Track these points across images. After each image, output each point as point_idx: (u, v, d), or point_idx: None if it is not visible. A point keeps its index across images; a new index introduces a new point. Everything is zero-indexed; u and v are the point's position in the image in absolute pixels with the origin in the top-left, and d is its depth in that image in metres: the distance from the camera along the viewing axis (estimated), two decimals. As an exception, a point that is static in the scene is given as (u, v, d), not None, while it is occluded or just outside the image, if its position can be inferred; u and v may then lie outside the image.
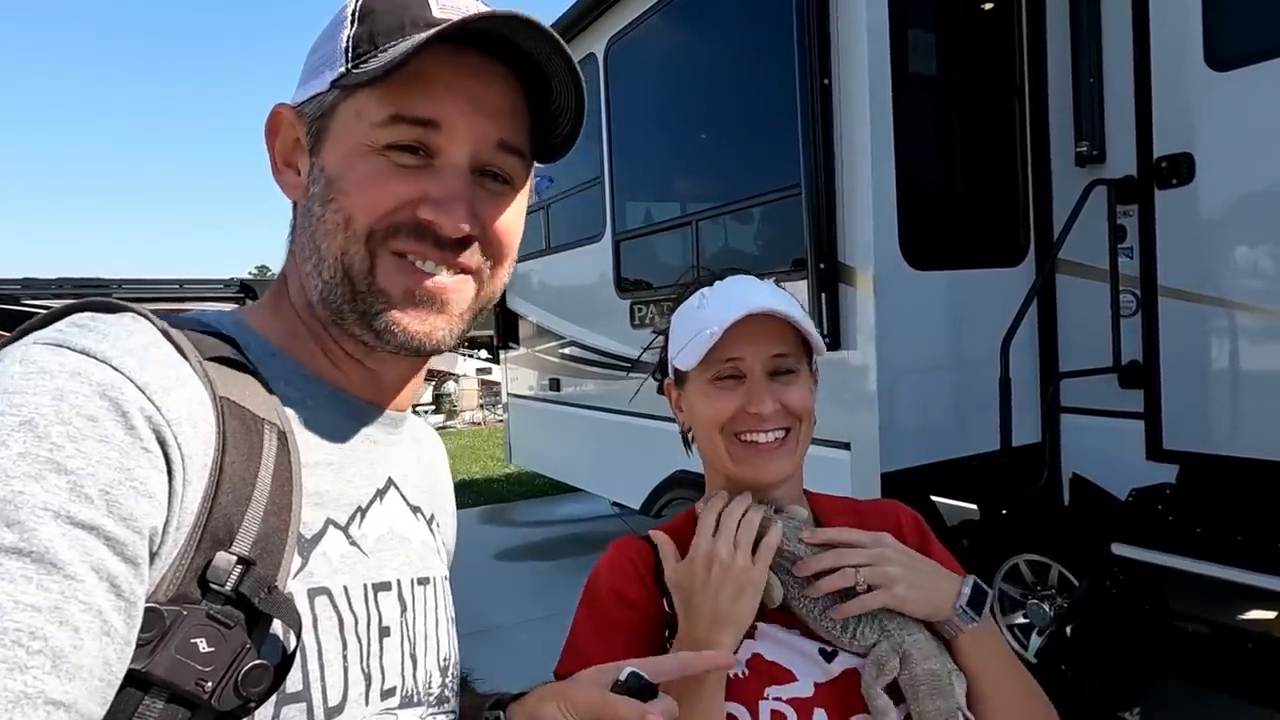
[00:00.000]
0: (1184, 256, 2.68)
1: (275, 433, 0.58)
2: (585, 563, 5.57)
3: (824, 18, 2.87)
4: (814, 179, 2.91)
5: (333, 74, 0.63)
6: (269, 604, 0.53)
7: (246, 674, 0.51)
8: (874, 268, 2.83)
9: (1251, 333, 2.56)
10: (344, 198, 0.62)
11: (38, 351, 0.50)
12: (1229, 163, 2.56)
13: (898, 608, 0.89)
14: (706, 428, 0.99)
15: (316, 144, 0.64)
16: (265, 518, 0.55)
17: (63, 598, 0.43)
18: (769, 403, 0.96)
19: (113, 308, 0.57)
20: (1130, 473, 2.78)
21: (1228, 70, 2.53)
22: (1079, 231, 2.78)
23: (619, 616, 0.95)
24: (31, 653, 0.42)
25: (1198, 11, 2.58)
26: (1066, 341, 3.08)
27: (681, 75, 4.06)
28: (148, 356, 0.52)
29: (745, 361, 0.97)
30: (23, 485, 0.44)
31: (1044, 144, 3.14)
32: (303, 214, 0.65)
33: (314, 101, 0.64)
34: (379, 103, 0.61)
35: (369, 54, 0.61)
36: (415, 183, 0.62)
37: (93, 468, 0.46)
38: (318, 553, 0.60)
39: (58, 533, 0.44)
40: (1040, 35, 3.13)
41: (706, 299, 1.01)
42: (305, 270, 0.65)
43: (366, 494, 0.67)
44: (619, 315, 4.44)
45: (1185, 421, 2.69)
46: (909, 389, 2.95)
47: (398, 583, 0.67)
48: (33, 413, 0.46)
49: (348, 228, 0.62)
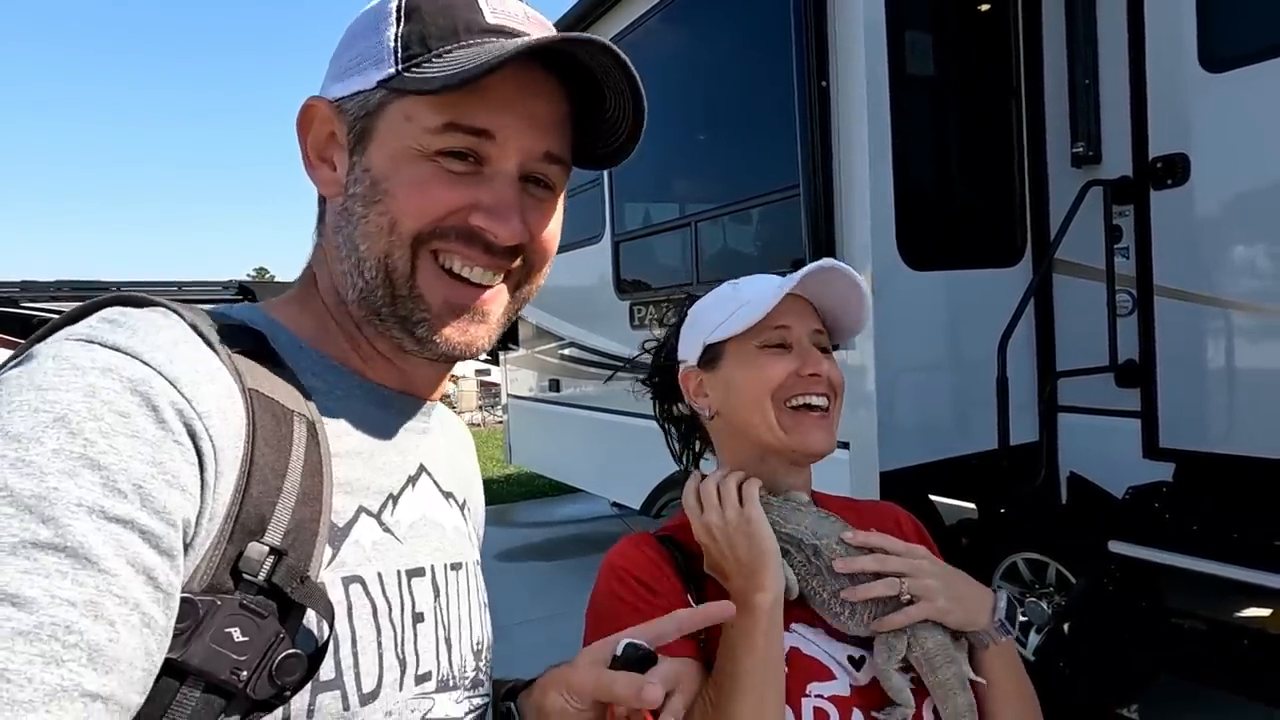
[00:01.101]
0: (1180, 256, 2.70)
1: (305, 424, 0.59)
2: (586, 563, 5.55)
3: (821, 19, 2.89)
4: (812, 180, 2.92)
5: (380, 74, 0.62)
6: (301, 594, 0.54)
7: (280, 663, 0.52)
8: (872, 268, 2.84)
9: (1247, 331, 2.58)
10: (391, 200, 0.61)
11: (70, 348, 0.51)
12: (1224, 163, 2.58)
13: (938, 619, 0.89)
14: (755, 393, 0.97)
15: (359, 142, 0.63)
16: (296, 508, 0.56)
17: (98, 592, 0.44)
18: (824, 364, 0.97)
19: (143, 302, 0.58)
20: (1127, 471, 2.79)
21: (1222, 71, 2.55)
22: (1075, 231, 2.80)
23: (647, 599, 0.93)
24: (68, 646, 0.42)
25: (1192, 13, 2.60)
26: (1063, 341, 3.09)
27: (680, 77, 4.07)
28: (177, 351, 0.53)
29: (793, 330, 0.98)
30: (57, 481, 0.45)
31: (1040, 145, 3.16)
32: (339, 212, 0.65)
33: (357, 99, 0.63)
34: (433, 109, 0.60)
35: (421, 57, 0.61)
36: (467, 190, 0.62)
37: (125, 463, 0.47)
38: (350, 541, 0.61)
39: (92, 528, 0.45)
40: (1036, 37, 3.15)
41: (739, 284, 1.03)
42: (341, 269, 0.65)
43: (398, 481, 0.67)
44: (618, 316, 4.45)
45: (1181, 420, 2.71)
46: (907, 388, 2.97)
47: (431, 568, 0.68)
48: (65, 409, 0.47)
49: (393, 231, 0.62)
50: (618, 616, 0.92)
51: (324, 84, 0.67)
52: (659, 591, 0.93)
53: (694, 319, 1.06)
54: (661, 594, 0.93)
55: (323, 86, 0.67)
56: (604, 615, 0.94)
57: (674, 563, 0.96)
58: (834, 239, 2.93)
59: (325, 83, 0.67)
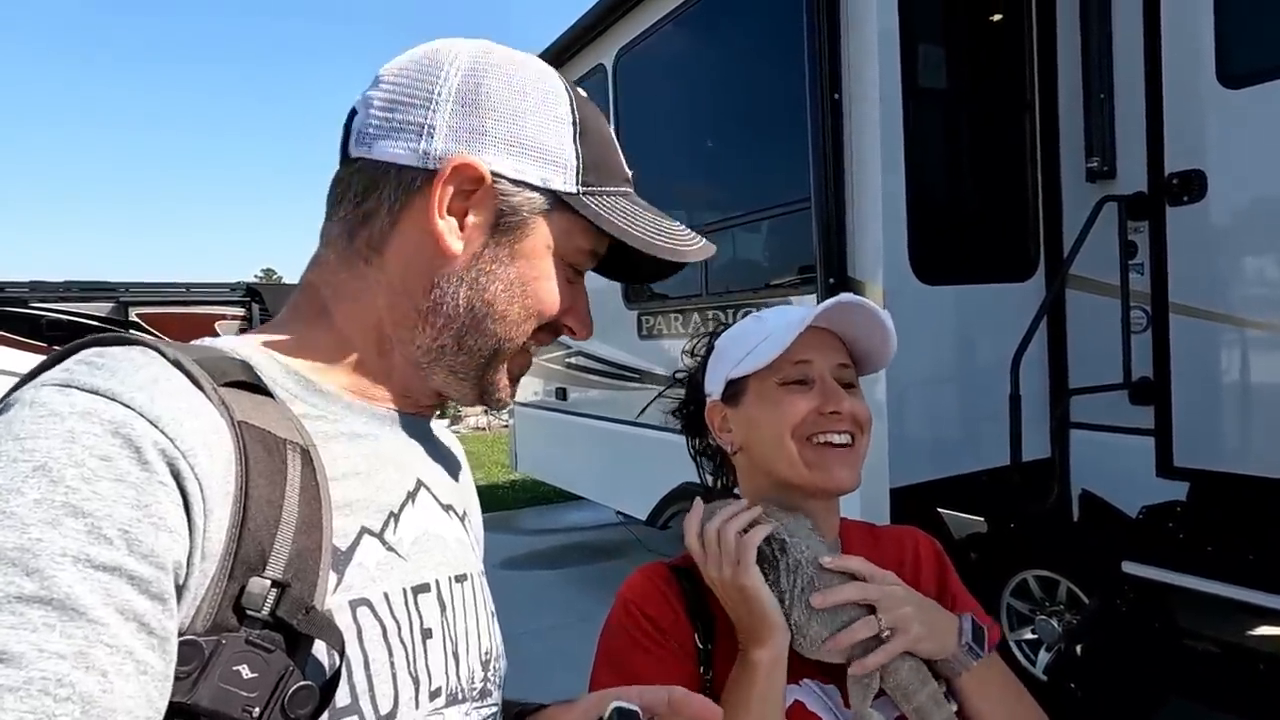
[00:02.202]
0: (1195, 273, 2.67)
1: (298, 451, 0.58)
2: (590, 571, 5.56)
3: (835, 31, 2.88)
4: (823, 192, 2.91)
5: (559, 183, 0.67)
6: (308, 625, 0.53)
7: (293, 696, 0.51)
8: (883, 282, 2.83)
9: (1263, 350, 2.55)
10: (534, 297, 0.69)
11: (47, 394, 0.50)
12: (1241, 180, 2.56)
13: (912, 649, 0.88)
14: (776, 431, 0.96)
15: (511, 230, 0.67)
16: (296, 538, 0.55)
17: (87, 642, 0.43)
18: (846, 401, 0.95)
19: (121, 341, 0.57)
20: (1140, 490, 2.77)
21: (1240, 88, 2.53)
22: (1089, 247, 2.78)
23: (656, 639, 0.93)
24: (59, 700, 0.41)
25: (1210, 28, 2.58)
26: (1077, 357, 3.07)
27: (691, 87, 4.07)
28: (158, 389, 0.52)
29: (815, 365, 0.97)
30: (40, 532, 0.44)
31: (1054, 159, 3.14)
32: (455, 274, 0.67)
33: (523, 190, 0.66)
34: (590, 238, 0.70)
35: (594, 188, 0.68)
36: (568, 294, 0.72)
37: (109, 508, 0.46)
38: (354, 563, 0.60)
39: (78, 577, 0.44)
40: (1051, 50, 3.14)
41: (763, 316, 1.02)
42: (430, 319, 0.67)
43: (398, 498, 0.67)
44: (626, 325, 4.44)
45: (1196, 439, 2.68)
46: (918, 404, 2.95)
47: (436, 583, 0.68)
48: (45, 457, 0.46)
49: (524, 321, 0.69)
50: (625, 652, 0.93)
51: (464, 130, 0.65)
52: (666, 630, 0.93)
53: (719, 353, 1.05)
54: (669, 633, 0.93)
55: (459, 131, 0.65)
56: (613, 648, 0.94)
57: (684, 599, 0.96)
58: (845, 252, 2.92)
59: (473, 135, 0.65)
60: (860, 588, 0.89)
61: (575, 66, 4.76)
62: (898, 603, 0.89)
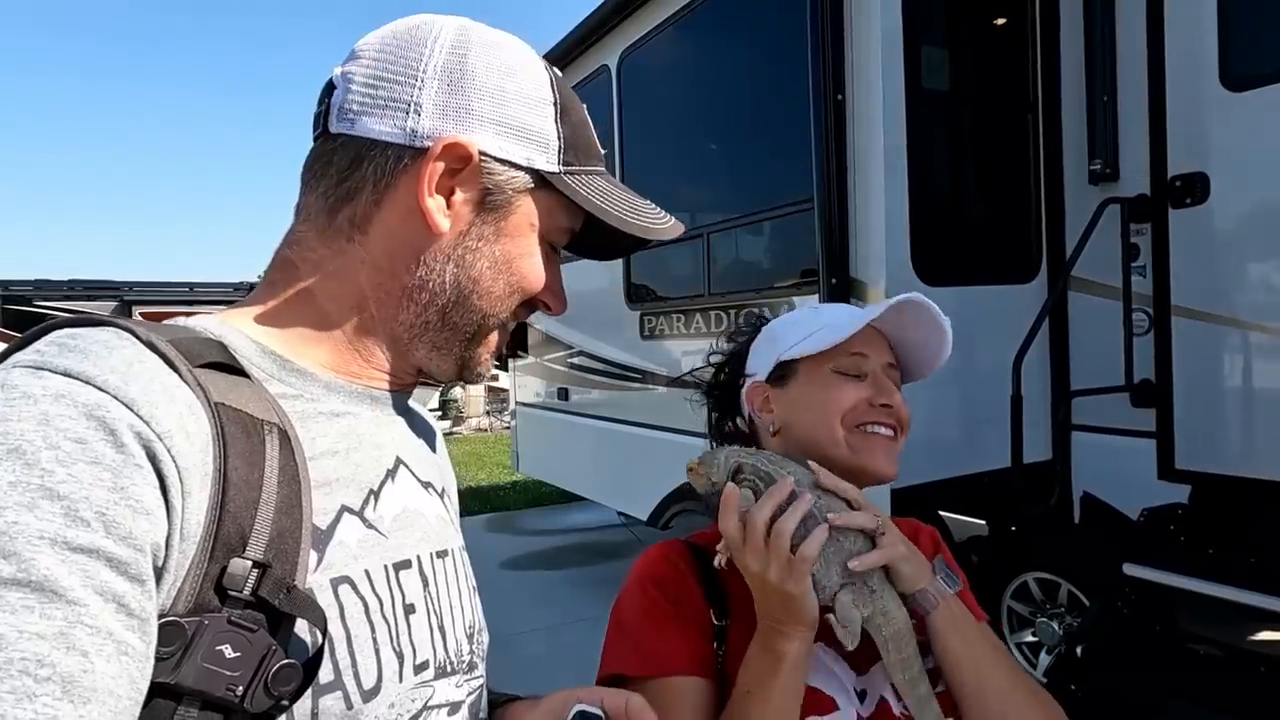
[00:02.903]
0: (1197, 276, 2.67)
1: (276, 432, 0.58)
2: (591, 572, 5.54)
3: (839, 32, 2.88)
4: (827, 193, 2.91)
5: (542, 162, 0.68)
6: (289, 604, 0.54)
7: (275, 674, 0.52)
8: (885, 282, 2.83)
9: (1265, 353, 2.55)
10: (518, 274, 0.70)
11: (18, 375, 0.50)
12: (1243, 183, 2.56)
13: (899, 562, 0.88)
14: (825, 414, 0.98)
15: (495, 205, 0.68)
16: (276, 519, 0.55)
17: (67, 623, 0.43)
18: (897, 395, 0.99)
19: (94, 322, 0.56)
20: (1142, 492, 2.76)
21: (1243, 91, 2.53)
22: (1092, 249, 2.78)
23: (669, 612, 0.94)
24: (39, 680, 0.42)
25: (1213, 31, 2.58)
26: (1078, 359, 3.07)
27: (695, 88, 4.08)
28: (131, 372, 0.52)
29: (870, 360, 1.00)
30: (16, 515, 0.44)
31: (1057, 161, 3.14)
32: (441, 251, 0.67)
33: (508, 169, 0.67)
34: (570, 216, 0.72)
35: (575, 166, 0.70)
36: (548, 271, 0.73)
37: (86, 490, 0.46)
38: (335, 542, 0.61)
39: (56, 560, 0.44)
40: (1054, 52, 3.14)
41: (820, 308, 1.06)
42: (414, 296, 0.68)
43: (377, 475, 0.67)
44: (629, 326, 4.44)
45: (1198, 441, 2.68)
46: (920, 405, 2.92)
47: (418, 559, 0.68)
48: (19, 439, 0.46)
49: (509, 297, 0.70)
50: (637, 625, 0.94)
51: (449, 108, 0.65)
52: (681, 605, 0.94)
53: (771, 335, 1.08)
54: (683, 608, 0.94)
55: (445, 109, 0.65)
56: (625, 621, 0.95)
57: (701, 576, 0.96)
58: (848, 253, 2.92)
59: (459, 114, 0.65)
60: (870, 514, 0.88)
61: (579, 67, 4.77)
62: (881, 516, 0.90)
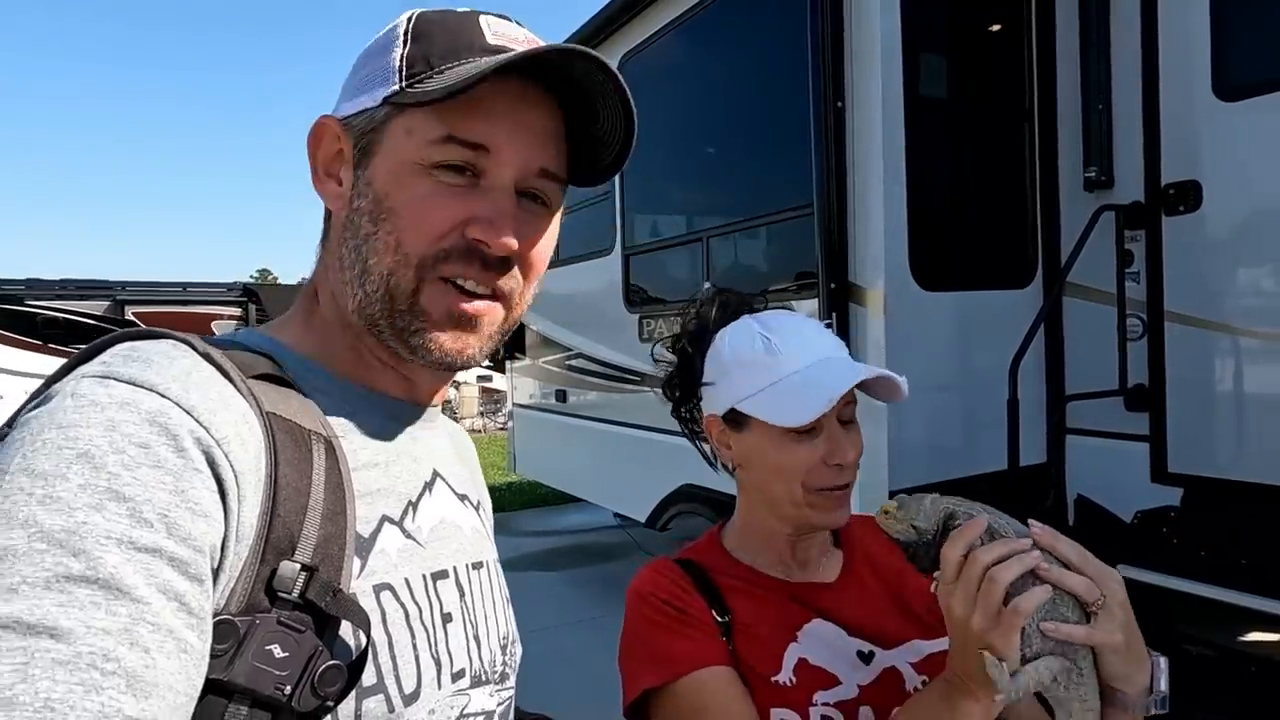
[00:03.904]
0: (1190, 282, 2.71)
1: (322, 442, 0.60)
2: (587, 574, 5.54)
3: (838, 40, 2.91)
4: (825, 199, 2.94)
5: (385, 90, 0.64)
6: (335, 606, 0.56)
7: (322, 674, 0.53)
8: (884, 287, 2.86)
9: (1256, 357, 2.59)
10: (395, 219, 0.64)
11: (87, 385, 0.52)
12: (1236, 191, 2.60)
13: (1104, 647, 0.77)
14: (784, 478, 0.96)
15: (363, 157, 0.66)
16: (322, 524, 0.57)
17: (131, 620, 0.45)
18: (851, 452, 0.96)
19: (153, 335, 0.59)
20: (1135, 495, 2.80)
21: (1235, 100, 2.57)
22: (1087, 255, 2.81)
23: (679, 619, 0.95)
24: (106, 674, 0.43)
25: (1206, 42, 2.63)
26: (1073, 363, 3.10)
27: (695, 93, 4.10)
28: (191, 380, 0.54)
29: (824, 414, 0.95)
30: (85, 516, 0.46)
31: (1052, 168, 3.18)
32: (344, 225, 0.67)
33: (363, 116, 0.66)
34: (433, 122, 0.63)
35: (424, 74, 0.63)
36: (464, 204, 0.64)
37: (150, 493, 0.48)
38: (376, 550, 0.63)
39: (122, 559, 0.46)
40: (1050, 61, 3.17)
41: (772, 341, 0.98)
42: (343, 279, 0.67)
43: (415, 488, 0.69)
44: (627, 329, 4.47)
45: (1190, 445, 2.72)
46: (917, 408, 2.98)
47: (454, 570, 0.70)
48: (88, 444, 0.48)
49: (398, 251, 0.64)
50: (653, 638, 0.95)
51: (336, 105, 0.70)
52: (686, 611, 0.96)
53: (721, 365, 1.01)
54: (689, 613, 0.96)
55: (335, 107, 0.70)
56: (641, 639, 0.96)
57: (697, 585, 0.98)
58: (846, 258, 2.95)
59: (337, 103, 0.70)
60: (1082, 551, 0.80)
61: (578, 71, 4.78)
62: (1117, 589, 0.78)
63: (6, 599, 0.43)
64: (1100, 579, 0.77)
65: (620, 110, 0.68)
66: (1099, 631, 0.76)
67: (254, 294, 13.71)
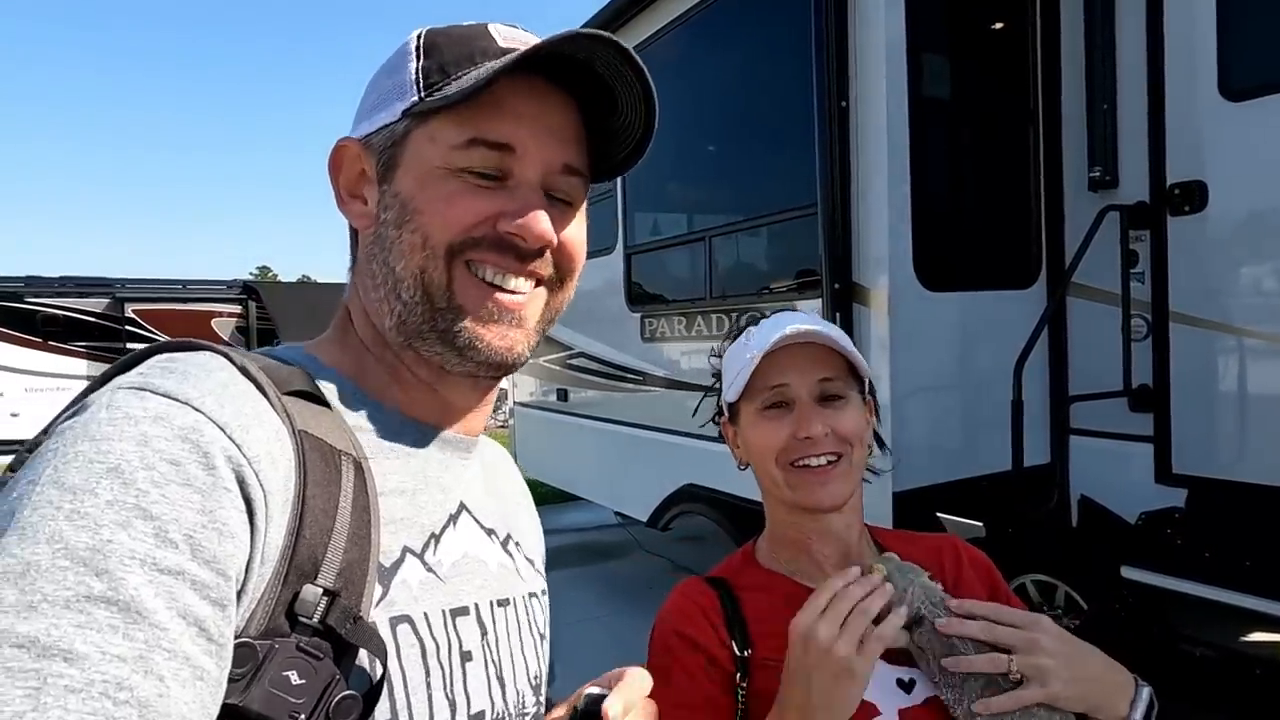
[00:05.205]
0: (1195, 282, 2.71)
1: (352, 463, 0.59)
2: (589, 572, 5.52)
3: (843, 40, 2.91)
4: (830, 199, 2.93)
5: (404, 104, 0.64)
6: (355, 634, 0.54)
7: (337, 705, 0.52)
8: (888, 288, 2.86)
9: (1261, 358, 2.59)
10: (421, 217, 0.63)
11: (123, 397, 0.51)
12: (1241, 191, 2.59)
13: (1050, 704, 0.82)
14: (761, 458, 0.99)
15: (387, 172, 0.66)
16: (347, 549, 0.56)
17: (147, 647, 0.44)
18: (817, 425, 0.95)
19: (192, 346, 0.58)
20: (1139, 496, 2.80)
21: (1241, 100, 2.57)
22: (1091, 255, 2.81)
23: (690, 653, 0.95)
24: (118, 703, 0.42)
25: (1211, 42, 2.62)
26: (1077, 364, 3.10)
27: (699, 92, 4.09)
28: (226, 395, 0.54)
29: (791, 387, 0.97)
30: (111, 534, 0.45)
31: (1057, 168, 3.17)
32: (373, 241, 0.67)
33: (383, 132, 0.66)
34: (456, 127, 0.63)
35: (441, 83, 0.63)
36: (493, 200, 0.64)
37: (177, 512, 0.47)
38: (397, 581, 0.61)
39: (144, 580, 0.45)
40: (1055, 61, 3.17)
41: (751, 334, 1.02)
42: (377, 296, 0.67)
43: (439, 520, 0.68)
44: (629, 328, 4.46)
45: (1194, 446, 2.71)
46: (921, 408, 2.97)
47: (475, 607, 0.68)
48: (119, 459, 0.48)
49: (425, 245, 0.63)
50: (665, 667, 0.95)
51: (353, 126, 0.70)
52: (700, 645, 0.95)
53: (725, 367, 1.06)
54: (702, 648, 0.95)
55: (352, 128, 0.70)
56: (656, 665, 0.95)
57: (723, 610, 0.97)
58: (850, 257, 2.95)
59: (354, 124, 0.70)
60: (988, 627, 0.85)
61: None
62: (1037, 650, 0.83)
63: (26, 617, 0.42)
64: (1019, 644, 0.83)
65: (641, 99, 0.67)
66: (1028, 693, 0.81)
67: (254, 291, 13.70)
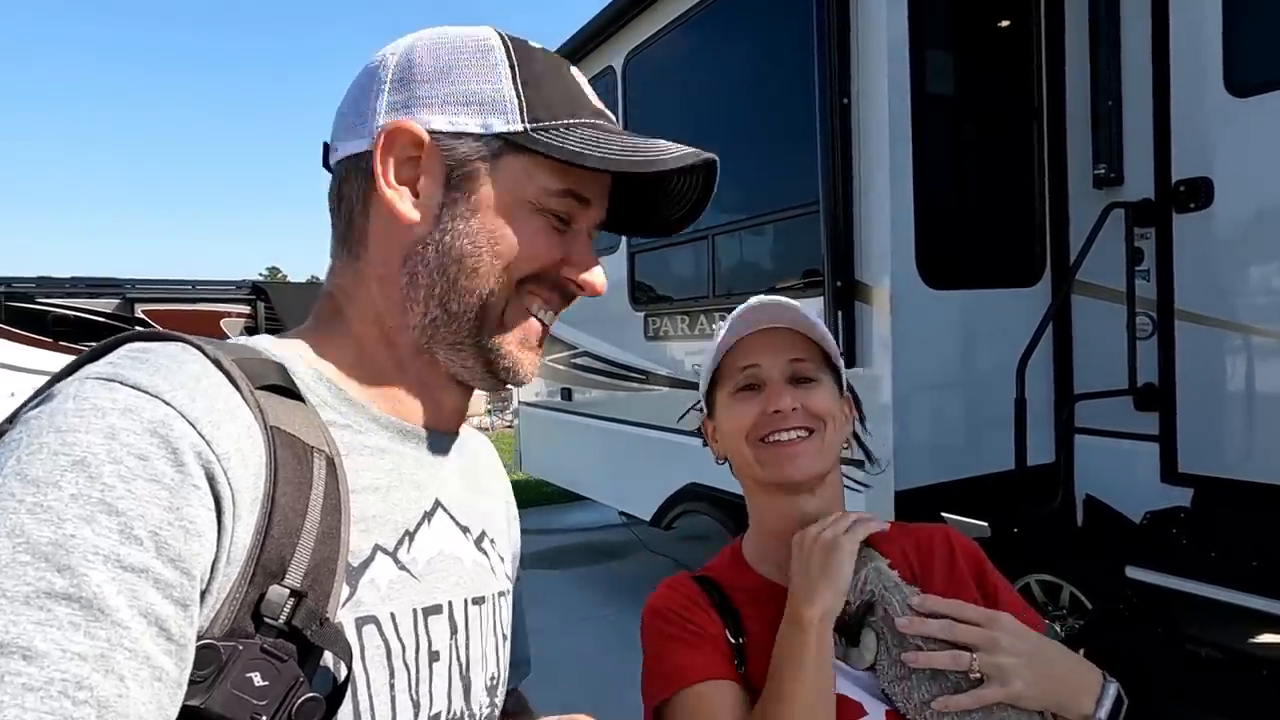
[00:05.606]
0: (1201, 280, 2.68)
1: (324, 460, 0.58)
2: (593, 572, 5.53)
3: (845, 37, 2.90)
4: (832, 196, 2.92)
5: (502, 125, 0.64)
6: (320, 636, 0.53)
7: (300, 707, 0.51)
8: (890, 286, 2.84)
9: (1268, 357, 2.56)
10: (505, 245, 0.65)
11: (91, 387, 0.50)
12: (1247, 188, 2.57)
13: (1012, 703, 0.83)
14: (734, 440, 0.99)
15: (463, 181, 0.65)
16: (316, 548, 0.55)
17: (109, 645, 0.44)
18: (786, 399, 0.96)
19: (164, 337, 0.57)
20: (1145, 495, 2.78)
21: (1247, 96, 2.54)
22: (1096, 253, 2.79)
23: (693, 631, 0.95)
24: (77, 703, 0.42)
25: (1218, 38, 2.59)
26: (1082, 363, 3.08)
27: (700, 90, 4.08)
28: (198, 388, 0.52)
29: (762, 368, 0.98)
30: (74, 528, 0.44)
31: (1061, 165, 3.15)
32: (421, 240, 0.65)
33: (467, 140, 0.64)
34: (556, 176, 0.66)
35: (548, 124, 0.65)
36: (561, 243, 0.68)
37: (143, 508, 0.47)
38: (365, 580, 0.60)
39: (107, 577, 0.44)
40: (1059, 57, 3.15)
41: (725, 324, 1.03)
42: (406, 295, 0.66)
43: (414, 517, 0.66)
44: (633, 327, 4.46)
45: (1200, 445, 2.69)
46: (924, 407, 2.96)
47: (449, 605, 0.68)
48: (85, 452, 0.47)
49: (505, 273, 0.66)
50: (665, 651, 0.95)
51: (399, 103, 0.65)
52: (701, 627, 0.96)
53: (702, 364, 1.08)
54: (703, 630, 0.95)
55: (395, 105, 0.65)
56: (653, 654, 0.96)
57: (713, 601, 0.98)
58: (852, 255, 2.93)
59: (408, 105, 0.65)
60: (949, 625, 0.85)
61: (584, 68, 4.77)
62: (998, 649, 0.84)
63: None
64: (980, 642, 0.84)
65: (703, 185, 0.78)
66: (989, 692, 0.82)
67: (263, 292, 13.75)
